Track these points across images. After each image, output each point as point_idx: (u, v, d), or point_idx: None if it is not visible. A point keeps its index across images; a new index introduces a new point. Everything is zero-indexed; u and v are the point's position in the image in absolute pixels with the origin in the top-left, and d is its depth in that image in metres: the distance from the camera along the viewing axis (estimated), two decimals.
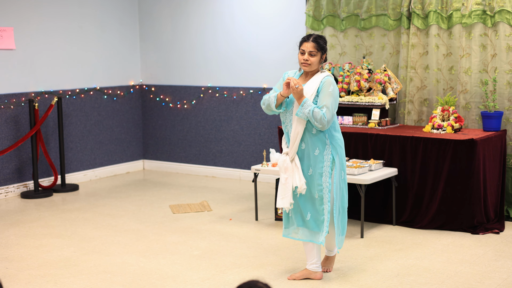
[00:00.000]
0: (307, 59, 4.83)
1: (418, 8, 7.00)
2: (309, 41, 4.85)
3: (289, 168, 4.86)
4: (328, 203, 4.83)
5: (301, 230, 4.96)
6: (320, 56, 4.87)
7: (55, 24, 8.36)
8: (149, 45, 9.39)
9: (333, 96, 4.77)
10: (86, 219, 6.83)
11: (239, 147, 8.70)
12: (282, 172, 4.90)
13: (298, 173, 4.86)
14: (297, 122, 4.83)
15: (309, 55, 4.84)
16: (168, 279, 5.05)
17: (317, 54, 4.84)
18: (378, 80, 6.96)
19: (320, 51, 4.85)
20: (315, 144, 4.83)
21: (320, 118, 4.68)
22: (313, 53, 4.83)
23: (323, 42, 4.89)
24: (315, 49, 4.83)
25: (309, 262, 5.00)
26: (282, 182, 4.90)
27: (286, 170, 4.88)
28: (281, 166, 4.90)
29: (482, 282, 4.91)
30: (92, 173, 8.90)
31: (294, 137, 4.85)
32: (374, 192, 6.60)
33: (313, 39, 4.86)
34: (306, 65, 4.86)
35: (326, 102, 4.74)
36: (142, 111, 9.52)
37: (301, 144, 4.87)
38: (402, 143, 6.43)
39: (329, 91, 4.77)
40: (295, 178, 4.86)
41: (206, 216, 6.89)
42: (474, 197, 6.12)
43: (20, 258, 5.60)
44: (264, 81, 8.37)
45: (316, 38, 4.87)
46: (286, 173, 4.88)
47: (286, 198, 4.89)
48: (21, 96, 8.01)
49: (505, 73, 6.65)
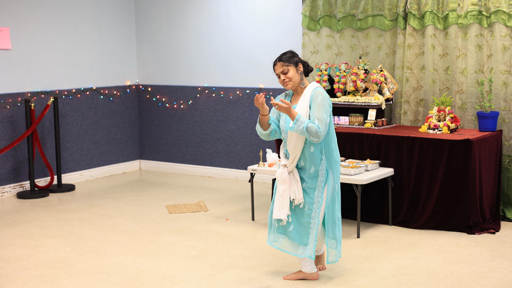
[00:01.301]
0: (284, 78, 4.84)
1: (414, 9, 7.01)
2: (276, 64, 4.87)
3: (287, 180, 4.87)
4: (317, 217, 4.84)
5: (281, 238, 4.96)
6: (295, 68, 4.85)
7: (52, 24, 8.35)
8: (145, 45, 9.39)
9: (323, 106, 4.74)
10: (82, 220, 6.82)
11: (236, 147, 8.70)
12: (280, 184, 4.89)
13: (297, 186, 4.86)
14: (295, 144, 4.82)
15: (283, 74, 4.84)
16: (165, 279, 5.05)
17: (289, 68, 4.83)
18: (374, 81, 6.97)
19: (291, 63, 4.83)
20: (312, 162, 4.83)
21: (316, 131, 4.65)
22: (285, 70, 4.83)
23: (289, 55, 4.87)
24: (284, 66, 4.83)
25: (303, 265, 5.01)
26: (280, 193, 4.88)
27: (284, 182, 4.87)
28: (279, 178, 4.89)
29: (478, 282, 4.91)
30: (88, 173, 8.90)
31: (293, 157, 4.86)
32: (370, 192, 6.61)
33: (278, 59, 4.88)
34: (287, 83, 4.86)
35: (318, 114, 4.71)
36: (139, 111, 9.52)
37: (300, 162, 4.88)
38: (398, 143, 6.43)
39: (318, 102, 4.74)
40: (293, 190, 4.87)
41: (203, 216, 6.89)
42: (470, 197, 6.13)
43: (16, 259, 5.60)
44: (260, 82, 8.37)
45: (280, 56, 4.88)
46: (284, 185, 4.87)
47: (284, 209, 4.88)
48: (17, 96, 8.00)
49: (501, 74, 6.66)
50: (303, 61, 4.91)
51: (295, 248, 4.90)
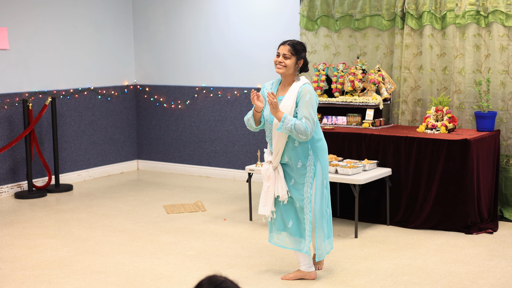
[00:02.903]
0: (281, 61, 4.81)
1: (412, 9, 7.02)
2: (285, 44, 4.82)
3: (272, 177, 4.90)
4: (309, 213, 4.85)
5: (283, 235, 4.99)
6: (296, 61, 4.82)
7: (49, 24, 8.35)
8: (143, 45, 9.38)
9: (311, 105, 4.72)
10: (80, 220, 6.82)
11: (234, 147, 8.70)
12: (264, 180, 4.94)
13: (280, 182, 4.89)
14: (278, 138, 4.83)
15: (283, 58, 4.81)
16: (162, 279, 5.05)
17: (291, 57, 4.80)
18: (372, 80, 6.98)
19: (296, 55, 4.81)
20: (298, 157, 4.84)
21: (304, 130, 4.64)
22: (287, 55, 4.80)
23: (300, 47, 4.84)
24: (290, 52, 4.80)
25: (302, 263, 5.01)
26: (264, 190, 4.94)
27: (268, 178, 4.92)
28: (264, 174, 4.94)
29: (475, 282, 4.92)
30: (86, 173, 8.89)
31: (276, 152, 4.88)
32: (368, 192, 6.61)
33: (290, 42, 4.83)
34: (280, 67, 4.82)
35: (305, 113, 4.70)
36: (136, 111, 9.52)
37: (283, 157, 4.90)
38: (396, 143, 6.44)
39: (306, 100, 4.73)
40: (277, 187, 4.90)
41: (200, 216, 6.89)
42: (468, 197, 6.13)
43: (14, 259, 5.59)
44: (258, 81, 8.37)
45: (294, 42, 4.85)
46: (268, 181, 4.92)
47: (268, 205, 4.93)
48: (15, 96, 8.00)
49: (498, 73, 6.67)
50: (306, 60, 4.91)
51: (298, 243, 4.93)
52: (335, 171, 6.17)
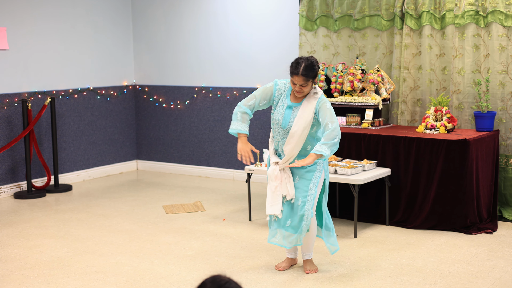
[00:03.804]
0: (299, 90, 4.88)
1: (411, 9, 7.02)
2: (298, 74, 4.80)
3: (279, 177, 4.94)
4: (310, 209, 4.90)
5: (280, 232, 5.03)
6: (312, 82, 4.90)
7: (49, 24, 8.35)
8: (142, 45, 9.38)
9: (331, 111, 4.87)
10: (79, 220, 6.82)
11: (233, 147, 8.69)
12: (272, 181, 4.96)
13: (289, 182, 4.94)
14: (294, 145, 4.90)
15: (300, 86, 4.87)
16: (162, 280, 5.05)
17: (308, 83, 4.85)
18: (371, 81, 6.98)
19: (311, 79, 4.86)
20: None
21: (335, 134, 4.78)
22: (304, 84, 4.85)
23: (312, 72, 4.83)
24: (305, 81, 4.83)
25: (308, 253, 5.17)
26: (272, 189, 4.96)
27: (276, 178, 4.95)
28: (271, 174, 4.96)
29: (475, 282, 4.92)
30: (85, 173, 8.89)
31: (289, 156, 4.93)
32: (368, 192, 6.61)
33: (302, 72, 4.80)
34: (298, 93, 4.91)
35: (329, 118, 4.83)
36: (136, 112, 9.51)
37: (294, 161, 4.98)
38: (395, 143, 6.44)
39: (327, 108, 4.88)
40: (285, 187, 4.93)
41: (200, 217, 6.89)
42: (467, 197, 6.13)
43: (13, 259, 5.59)
44: (257, 82, 8.37)
45: (305, 70, 4.80)
46: (275, 182, 4.95)
47: (276, 205, 4.96)
48: (14, 97, 8.00)
49: (497, 74, 6.67)
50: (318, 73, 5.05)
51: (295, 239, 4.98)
52: (335, 171, 6.17)
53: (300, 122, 4.88)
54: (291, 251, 5.26)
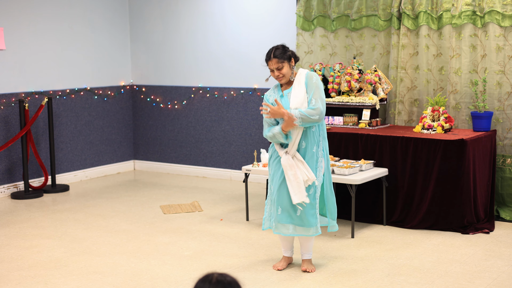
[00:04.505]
0: (278, 74, 4.99)
1: (408, 9, 7.02)
2: (270, 58, 4.98)
3: (294, 165, 4.96)
4: (318, 198, 5.04)
5: (291, 226, 5.05)
6: (288, 63, 4.99)
7: (46, 24, 8.34)
8: (139, 46, 9.38)
9: (318, 87, 4.94)
10: (76, 220, 6.81)
11: (230, 147, 8.70)
12: (288, 170, 4.96)
13: (304, 167, 4.98)
14: (298, 132, 5.00)
15: (277, 70, 4.97)
16: (159, 280, 5.05)
17: (283, 64, 4.97)
18: (368, 81, 6.98)
19: (285, 60, 4.97)
20: (314, 141, 5.02)
21: (315, 110, 4.86)
22: (279, 66, 4.96)
23: (281, 50, 4.99)
24: (279, 62, 4.95)
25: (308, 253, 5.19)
26: (291, 179, 4.95)
27: (292, 167, 4.96)
28: (286, 164, 4.96)
29: (472, 282, 4.92)
30: (82, 173, 8.88)
31: (295, 135, 4.99)
32: (365, 193, 6.61)
33: (273, 54, 4.97)
34: (281, 79, 5.02)
35: (314, 94, 4.92)
36: (133, 112, 9.51)
37: (301, 142, 4.99)
38: (392, 143, 6.44)
39: (314, 82, 4.95)
40: (303, 172, 4.97)
41: (197, 217, 6.89)
42: (464, 197, 6.14)
43: (11, 259, 5.58)
44: (254, 82, 8.37)
45: (274, 52, 4.98)
46: (292, 170, 4.96)
47: (301, 192, 4.95)
48: (11, 97, 7.99)
49: (495, 74, 6.68)
50: (294, 54, 5.06)
51: (306, 231, 5.04)
52: (332, 171, 6.17)
53: (296, 100, 4.97)
54: (288, 249, 5.26)
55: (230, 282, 2.32)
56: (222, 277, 2.33)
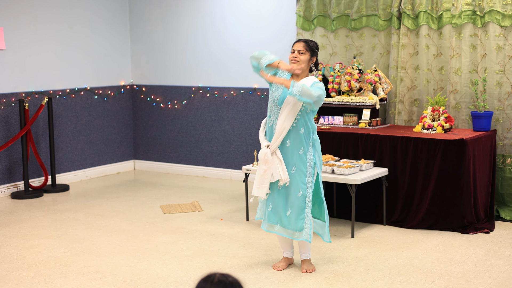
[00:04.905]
0: (296, 55, 5.05)
1: (408, 9, 7.02)
2: (299, 41, 5.10)
3: (270, 161, 4.97)
4: (310, 202, 5.01)
5: (277, 227, 5.10)
6: (310, 57, 5.06)
7: (46, 24, 8.34)
8: (139, 45, 9.38)
9: (320, 88, 4.92)
10: (76, 220, 6.81)
11: (230, 147, 8.70)
12: (262, 164, 5.00)
13: (281, 166, 4.97)
14: (285, 117, 4.95)
15: (298, 53, 5.05)
16: (159, 280, 5.05)
17: (306, 53, 5.05)
18: (368, 80, 6.98)
19: (310, 51, 5.07)
20: (301, 144, 4.98)
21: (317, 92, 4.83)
22: (302, 51, 5.06)
23: (313, 44, 5.12)
24: (304, 48, 5.06)
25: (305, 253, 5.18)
26: (260, 173, 5.01)
27: (266, 162, 4.98)
28: (262, 158, 5.01)
29: (472, 282, 4.92)
30: (82, 173, 8.88)
31: (280, 132, 4.95)
32: (365, 192, 6.61)
33: (304, 40, 5.12)
34: (295, 61, 5.04)
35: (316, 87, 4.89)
36: (133, 111, 9.51)
37: (287, 141, 4.98)
38: (392, 143, 6.44)
39: (320, 87, 4.93)
40: (277, 171, 4.97)
41: (197, 216, 6.89)
42: (464, 197, 6.14)
43: (11, 259, 5.58)
44: (254, 81, 8.37)
45: (307, 40, 5.13)
46: (265, 165, 4.98)
47: (263, 187, 5.01)
48: (11, 96, 7.99)
49: (495, 73, 6.68)
50: (317, 58, 5.15)
51: (291, 234, 5.06)
52: (332, 171, 6.17)
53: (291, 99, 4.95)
54: (288, 250, 5.27)
55: (232, 283, 2.32)
56: (224, 278, 2.32)
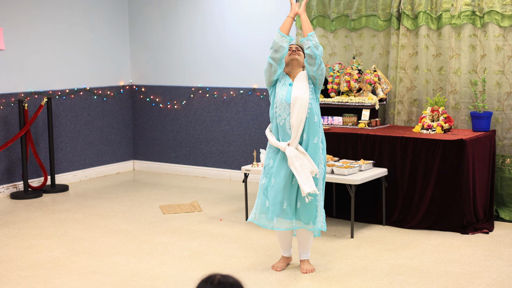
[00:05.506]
0: (295, 50, 5.16)
1: (407, 9, 7.03)
2: (295, 43, 5.22)
3: (299, 155, 4.94)
4: (321, 190, 5.05)
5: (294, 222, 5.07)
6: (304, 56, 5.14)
7: (45, 24, 8.34)
8: (139, 46, 9.38)
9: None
10: (76, 220, 6.81)
11: (230, 147, 8.70)
12: (294, 161, 4.92)
13: (307, 159, 4.96)
14: (299, 108, 4.96)
15: (297, 50, 5.17)
16: (158, 280, 5.05)
17: (301, 53, 5.18)
18: (368, 81, 6.98)
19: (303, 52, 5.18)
20: (315, 132, 5.01)
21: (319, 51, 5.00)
22: (299, 49, 5.20)
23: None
24: (299, 49, 5.20)
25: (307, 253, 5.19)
26: (299, 169, 4.91)
27: (297, 158, 4.94)
28: (292, 155, 4.92)
29: (471, 282, 4.92)
30: (82, 173, 8.88)
31: (298, 124, 4.95)
32: (364, 193, 6.62)
33: (296, 45, 5.30)
34: (292, 57, 5.13)
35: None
36: (132, 112, 9.51)
37: (303, 134, 5.00)
38: (392, 144, 6.44)
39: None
40: (307, 164, 4.95)
41: (197, 217, 6.89)
42: (464, 197, 6.14)
43: (10, 259, 5.58)
44: (254, 82, 8.37)
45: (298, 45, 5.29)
46: (298, 161, 4.93)
47: (310, 181, 4.92)
48: (11, 97, 7.99)
49: (494, 74, 6.68)
50: None
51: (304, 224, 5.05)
52: (331, 171, 6.17)
53: (298, 91, 5.00)
54: (287, 249, 5.26)
55: (232, 284, 2.31)
56: (224, 279, 2.32)
